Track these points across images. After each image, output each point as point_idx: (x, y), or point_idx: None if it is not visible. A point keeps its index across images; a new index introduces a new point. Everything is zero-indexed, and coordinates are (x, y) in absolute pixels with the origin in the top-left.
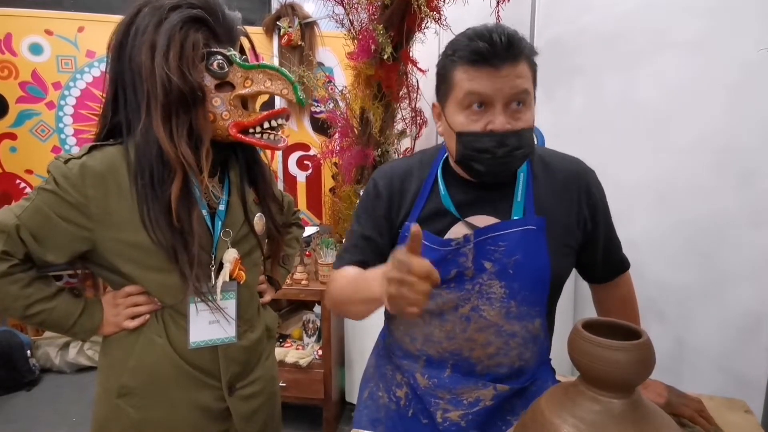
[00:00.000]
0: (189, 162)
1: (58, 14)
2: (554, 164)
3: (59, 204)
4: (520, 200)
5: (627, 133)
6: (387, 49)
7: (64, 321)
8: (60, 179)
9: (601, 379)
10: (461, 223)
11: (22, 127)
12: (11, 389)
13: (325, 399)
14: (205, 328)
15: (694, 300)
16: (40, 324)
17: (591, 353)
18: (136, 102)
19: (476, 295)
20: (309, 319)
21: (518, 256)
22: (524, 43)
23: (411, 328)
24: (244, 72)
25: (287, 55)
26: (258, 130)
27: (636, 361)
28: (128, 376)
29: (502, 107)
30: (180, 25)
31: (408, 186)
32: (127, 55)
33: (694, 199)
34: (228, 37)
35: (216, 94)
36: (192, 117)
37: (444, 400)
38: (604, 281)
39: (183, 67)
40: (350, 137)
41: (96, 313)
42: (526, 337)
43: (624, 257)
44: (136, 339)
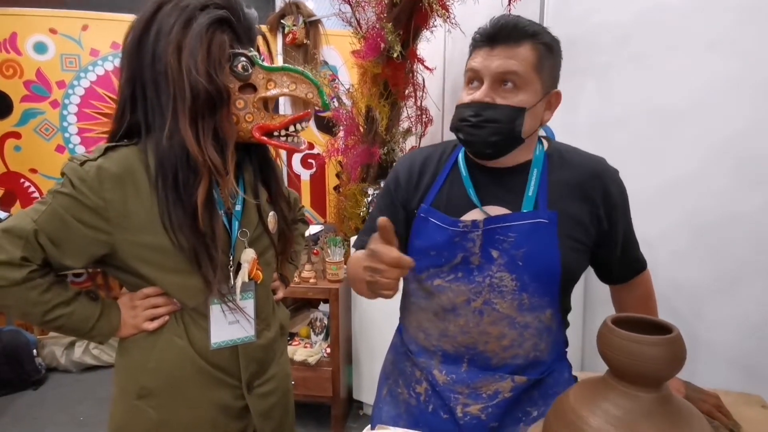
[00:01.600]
0: (216, 165)
1: (63, 13)
2: (574, 161)
3: (77, 207)
4: (531, 194)
5: (640, 132)
6: (396, 48)
7: (83, 325)
8: (77, 182)
9: (632, 374)
10: (475, 211)
11: (27, 126)
12: (18, 388)
13: (333, 397)
14: (225, 328)
15: (707, 297)
16: (59, 329)
17: (622, 348)
18: (158, 103)
19: (488, 288)
20: (317, 317)
21: (526, 248)
22: (533, 29)
23: (424, 323)
24: (266, 74)
25: (292, 54)
26: (283, 133)
27: (668, 356)
28: (148, 378)
29: (489, 83)
30: (207, 26)
31: (427, 169)
32: (148, 53)
33: (707, 198)
34: (248, 38)
35: (239, 95)
36: (217, 120)
37: (463, 395)
38: (621, 281)
39: (210, 69)
40: (355, 135)
41: (114, 316)
42: (539, 327)
43: (641, 257)
44: (155, 340)
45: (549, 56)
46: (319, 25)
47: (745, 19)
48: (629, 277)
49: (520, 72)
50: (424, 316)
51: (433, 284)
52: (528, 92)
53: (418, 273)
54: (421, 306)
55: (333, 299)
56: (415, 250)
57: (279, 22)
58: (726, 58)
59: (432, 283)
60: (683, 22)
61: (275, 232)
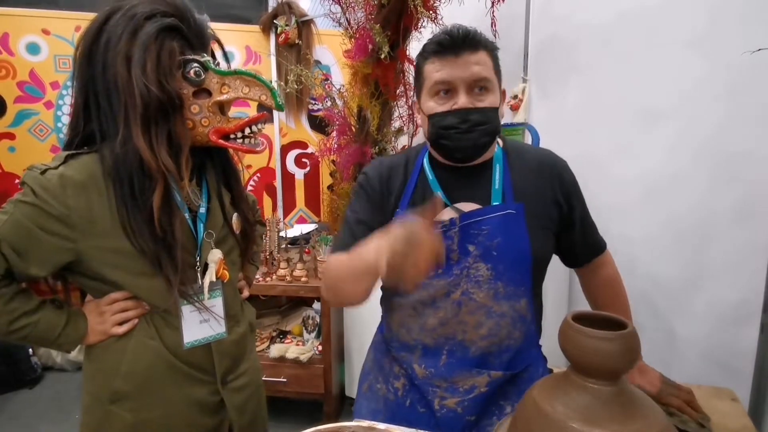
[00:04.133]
0: (170, 170)
1: (55, 14)
2: (528, 155)
3: (40, 216)
4: (498, 188)
5: (621, 130)
6: (384, 48)
7: (49, 334)
8: (39, 190)
9: (589, 368)
10: (447, 210)
11: (21, 126)
12: (13, 387)
13: (325, 394)
14: (196, 327)
15: (683, 292)
16: (24, 339)
17: (580, 343)
18: (111, 112)
19: (465, 279)
20: (309, 315)
21: (500, 239)
22: (483, 37)
23: (406, 319)
24: (220, 78)
25: (284, 54)
26: (239, 136)
27: (622, 350)
28: (121, 382)
29: (464, 90)
30: (155, 34)
31: (396, 177)
32: (99, 63)
33: (684, 196)
34: (200, 43)
35: (194, 101)
36: (171, 125)
37: (441, 389)
38: (585, 263)
39: (161, 77)
40: (348, 135)
41: (80, 323)
42: (514, 316)
43: (601, 239)
44: (126, 344)
45: (497, 59)
46: (311, 24)
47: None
48: (592, 257)
49: (488, 76)
50: (405, 313)
51: None
52: (495, 93)
53: None
54: (401, 303)
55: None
56: None
57: (272, 22)
58: (701, 57)
59: None
60: (663, 22)
61: (239, 232)
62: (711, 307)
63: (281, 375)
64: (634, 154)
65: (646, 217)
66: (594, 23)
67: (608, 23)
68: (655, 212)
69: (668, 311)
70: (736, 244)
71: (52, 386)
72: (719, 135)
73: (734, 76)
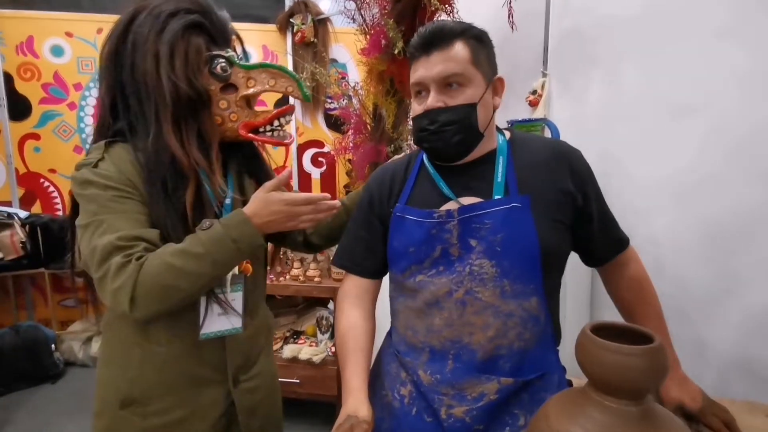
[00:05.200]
0: (202, 166)
1: (78, 16)
2: (536, 145)
3: (121, 196)
4: (500, 181)
5: (648, 125)
6: (398, 44)
7: (223, 249)
8: (102, 180)
9: (610, 385)
10: (449, 203)
11: (45, 127)
12: (36, 382)
13: (338, 396)
14: (214, 320)
15: (715, 298)
16: (220, 269)
17: (599, 358)
18: (141, 111)
19: (468, 277)
20: (322, 315)
21: (504, 234)
22: (459, 26)
23: (412, 321)
24: (246, 72)
25: (300, 52)
26: (268, 129)
27: (647, 367)
28: (130, 387)
29: (436, 89)
30: (181, 32)
31: (396, 178)
32: (126, 63)
33: (718, 195)
34: (223, 39)
35: (221, 96)
36: (200, 122)
37: (448, 396)
38: (606, 260)
39: (189, 74)
40: (363, 133)
41: (242, 223)
42: (523, 316)
43: (622, 235)
44: (131, 350)
45: (482, 48)
46: (327, 23)
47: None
48: (612, 255)
49: (460, 71)
50: (410, 315)
51: (415, 281)
52: (473, 87)
53: (399, 274)
54: (407, 305)
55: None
56: (395, 252)
57: (288, 20)
58: (739, 48)
59: (414, 280)
60: (694, 12)
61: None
62: (745, 315)
63: (294, 376)
64: (661, 151)
65: (674, 218)
66: (618, 14)
67: (634, 14)
68: (684, 213)
69: (697, 318)
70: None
71: (74, 382)
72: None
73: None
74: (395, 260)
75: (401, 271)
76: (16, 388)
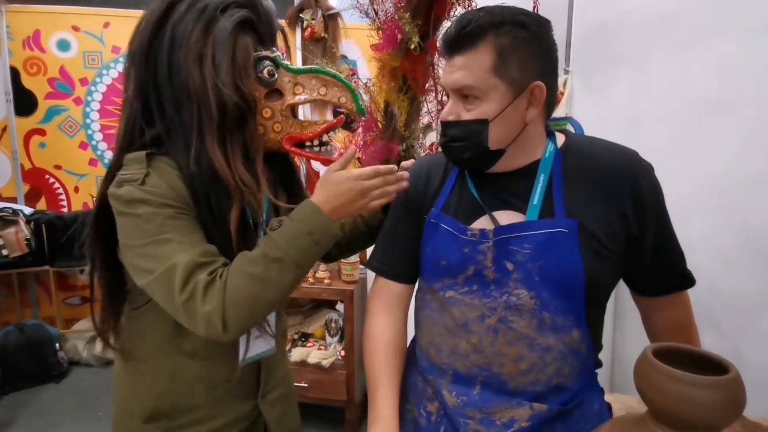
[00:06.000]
0: (249, 185)
1: (85, 10)
2: (597, 158)
3: (180, 213)
4: (536, 203)
5: (678, 125)
6: (414, 39)
7: (301, 247)
8: (157, 198)
9: (678, 419)
10: (484, 218)
11: (51, 123)
12: (40, 381)
13: (347, 400)
14: (253, 343)
15: (755, 310)
16: (303, 269)
17: (666, 388)
18: (180, 120)
19: (503, 305)
20: (332, 318)
21: (543, 261)
22: (488, 21)
23: (436, 338)
24: (293, 77)
25: (310, 48)
26: (316, 143)
27: (724, 401)
28: (157, 401)
29: (453, 99)
30: (231, 30)
31: (434, 175)
32: (162, 62)
33: (756, 199)
34: (270, 36)
35: (266, 104)
36: (246, 134)
37: (474, 420)
38: (651, 294)
39: (236, 80)
40: (374, 131)
41: (314, 214)
42: (563, 351)
43: (685, 272)
44: (162, 363)
45: (515, 48)
46: (338, 18)
47: None
48: (661, 293)
49: (473, 84)
50: (435, 330)
51: (445, 296)
52: (489, 100)
53: (431, 284)
54: (433, 319)
55: (348, 301)
56: (428, 260)
57: (298, 15)
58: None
59: (444, 295)
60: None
61: None
62: None
63: (302, 380)
64: (696, 152)
65: (710, 223)
66: (647, 8)
67: (664, 9)
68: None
69: (736, 332)
70: None
71: (79, 381)
72: None
73: None
74: (427, 268)
75: (433, 281)
76: (20, 387)
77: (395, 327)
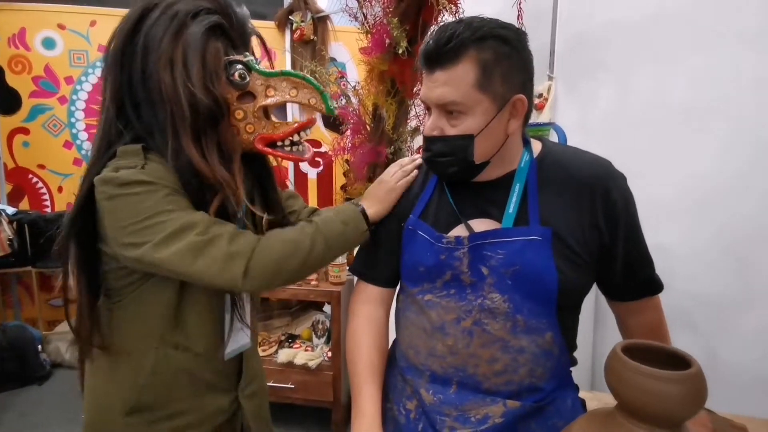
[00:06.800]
0: (227, 181)
1: (71, 8)
2: (572, 167)
3: (172, 190)
4: (511, 212)
5: (657, 132)
6: (402, 44)
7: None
8: (157, 180)
9: (644, 412)
10: (459, 226)
11: (35, 121)
12: (22, 383)
13: (334, 402)
14: (234, 336)
15: (729, 311)
16: (332, 251)
17: (634, 382)
18: (156, 122)
19: (477, 308)
20: (319, 319)
21: (518, 267)
22: (470, 35)
23: (414, 340)
24: (265, 80)
25: (299, 50)
26: (287, 143)
27: (687, 394)
28: (140, 393)
29: (436, 114)
30: (201, 36)
31: (415, 182)
32: (137, 68)
33: (731, 204)
34: (242, 41)
35: (238, 105)
36: (219, 134)
37: (451, 418)
38: (622, 300)
39: (207, 83)
40: (362, 134)
41: (349, 206)
42: (536, 352)
43: (654, 278)
44: (145, 353)
45: (498, 63)
46: (327, 21)
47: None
48: (629, 299)
49: (459, 100)
50: (414, 332)
51: (424, 299)
52: (474, 115)
53: (410, 288)
54: (411, 321)
55: (335, 302)
56: (406, 265)
57: (287, 18)
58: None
59: (423, 298)
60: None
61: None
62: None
63: (289, 381)
64: (674, 158)
65: (687, 227)
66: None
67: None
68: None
69: (710, 332)
70: None
71: (62, 383)
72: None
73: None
74: (406, 273)
75: (413, 285)
76: (1, 389)
77: (377, 328)
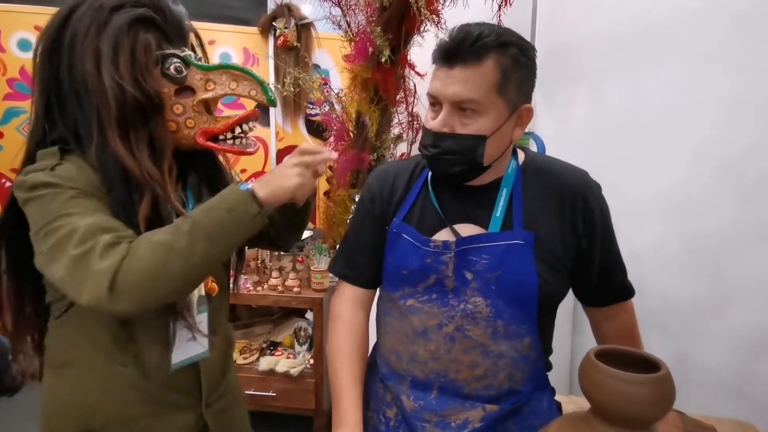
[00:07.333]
0: (156, 179)
1: (48, 10)
2: (553, 175)
3: (88, 196)
4: (499, 215)
5: (631, 142)
6: (384, 52)
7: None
8: (64, 182)
9: (616, 415)
10: (446, 230)
11: (9, 125)
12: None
13: (316, 409)
14: (183, 347)
15: (700, 315)
16: (218, 246)
17: (605, 386)
18: (82, 115)
19: (461, 314)
20: (301, 327)
21: (501, 272)
22: (495, 39)
23: (396, 345)
24: (204, 74)
25: (283, 57)
26: (229, 136)
27: (655, 396)
28: (89, 416)
29: (448, 110)
30: (127, 27)
31: (399, 184)
32: (63, 63)
33: (701, 212)
34: (179, 36)
35: (176, 100)
36: (151, 129)
37: (431, 423)
38: (598, 305)
39: (137, 75)
40: (346, 141)
41: (234, 189)
42: (515, 357)
43: (627, 284)
44: (92, 372)
45: (516, 70)
46: (311, 28)
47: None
48: (604, 304)
49: (477, 99)
50: (395, 338)
51: (406, 304)
52: (489, 117)
53: (391, 292)
54: (393, 326)
55: (317, 309)
56: (389, 269)
57: (271, 24)
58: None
59: (405, 303)
60: (680, 31)
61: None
62: (731, 332)
63: (270, 389)
64: (648, 169)
65: (659, 234)
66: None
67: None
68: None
69: (682, 334)
70: (763, 267)
71: (34, 395)
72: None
73: (761, 91)
74: (389, 277)
75: (394, 290)
76: None
77: (358, 333)
